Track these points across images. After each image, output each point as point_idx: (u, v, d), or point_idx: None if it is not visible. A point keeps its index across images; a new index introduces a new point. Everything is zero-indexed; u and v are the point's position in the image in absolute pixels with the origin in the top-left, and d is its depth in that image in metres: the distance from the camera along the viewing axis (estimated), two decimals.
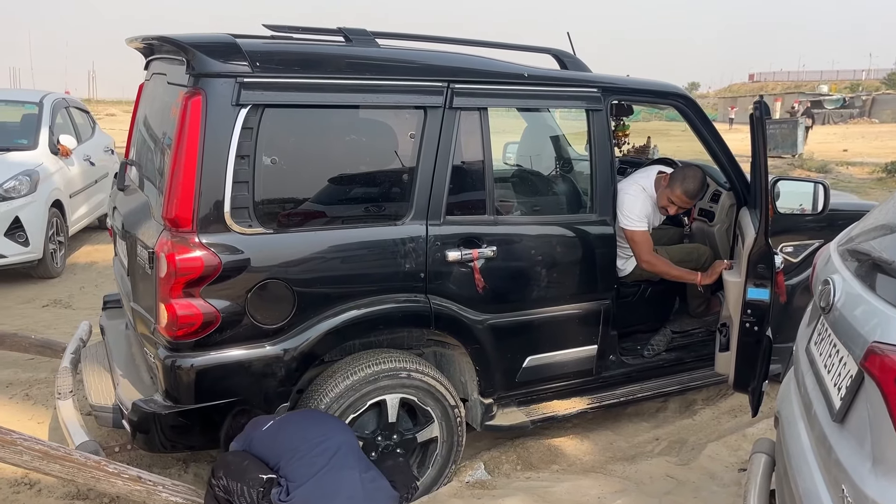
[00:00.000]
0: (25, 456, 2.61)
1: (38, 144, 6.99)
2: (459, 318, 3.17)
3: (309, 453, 2.54)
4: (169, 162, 2.75)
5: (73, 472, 2.68)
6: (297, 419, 2.72)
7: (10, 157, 6.65)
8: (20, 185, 6.23)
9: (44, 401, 4.02)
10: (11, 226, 6.09)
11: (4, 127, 7.78)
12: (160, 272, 2.69)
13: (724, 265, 3.61)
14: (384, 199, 3.10)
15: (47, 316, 5.63)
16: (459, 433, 3.23)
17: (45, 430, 3.72)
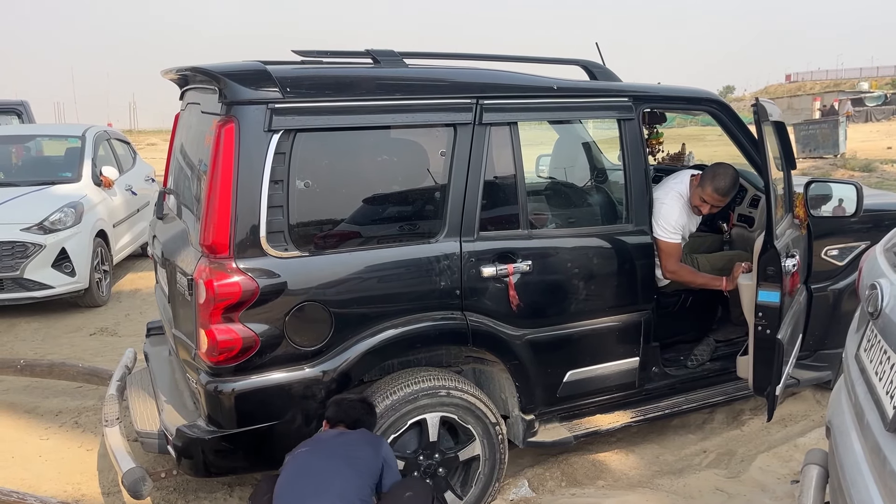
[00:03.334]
0: None
1: (82, 177, 7.17)
2: (497, 334, 3.15)
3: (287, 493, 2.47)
4: (205, 189, 2.80)
5: None
6: (294, 468, 2.60)
7: (55, 191, 6.84)
8: (65, 217, 6.40)
9: (92, 428, 4.09)
10: (58, 257, 6.24)
11: (49, 161, 8.04)
12: (199, 298, 2.73)
13: (743, 267, 3.54)
14: (417, 218, 3.11)
15: (94, 344, 5.75)
16: (502, 450, 3.20)
17: (94, 457, 3.78)
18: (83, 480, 3.57)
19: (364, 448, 2.63)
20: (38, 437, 4.02)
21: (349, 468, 2.53)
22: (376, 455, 2.63)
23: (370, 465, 2.58)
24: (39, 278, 6.17)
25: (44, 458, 3.78)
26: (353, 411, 2.75)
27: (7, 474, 3.53)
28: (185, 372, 3.15)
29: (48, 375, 4.56)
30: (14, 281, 6.10)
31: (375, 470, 2.59)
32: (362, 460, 2.58)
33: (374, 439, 2.71)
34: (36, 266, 6.13)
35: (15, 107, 10.71)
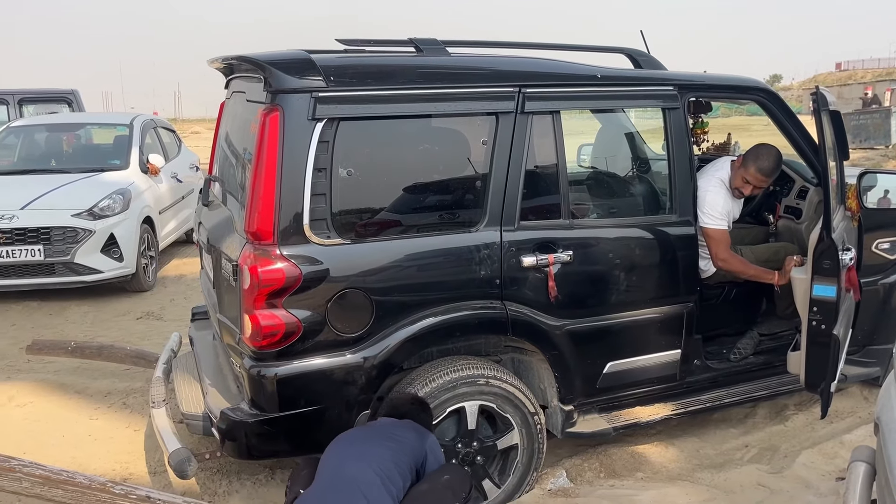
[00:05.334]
0: (25, 483, 2.53)
1: (130, 164, 7.34)
2: (536, 324, 3.14)
3: (321, 479, 2.50)
4: (249, 177, 2.84)
5: (78, 496, 2.60)
6: (341, 439, 2.67)
7: (104, 178, 7.02)
8: (114, 203, 6.56)
9: (139, 409, 4.21)
10: (107, 242, 6.40)
11: (98, 149, 8.25)
12: (244, 284, 2.78)
13: (795, 261, 3.46)
14: (458, 207, 3.11)
15: (141, 328, 5.89)
16: (540, 440, 3.20)
17: (141, 437, 3.89)
18: (131, 460, 3.68)
19: (409, 432, 2.67)
20: (88, 416, 4.14)
21: (391, 443, 2.57)
22: (420, 441, 2.66)
23: (413, 448, 2.61)
24: (89, 263, 6.33)
25: (93, 438, 3.90)
26: (403, 406, 2.79)
27: (58, 453, 3.64)
28: (230, 356, 3.22)
29: (97, 357, 4.69)
30: (65, 265, 6.28)
31: (418, 454, 2.62)
32: (405, 441, 2.61)
33: (421, 429, 2.74)
34: (86, 251, 6.29)
35: (65, 95, 10.99)
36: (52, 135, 8.14)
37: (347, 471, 2.46)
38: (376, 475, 2.43)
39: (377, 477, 2.42)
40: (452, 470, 2.70)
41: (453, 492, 2.54)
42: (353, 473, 2.44)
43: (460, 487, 2.58)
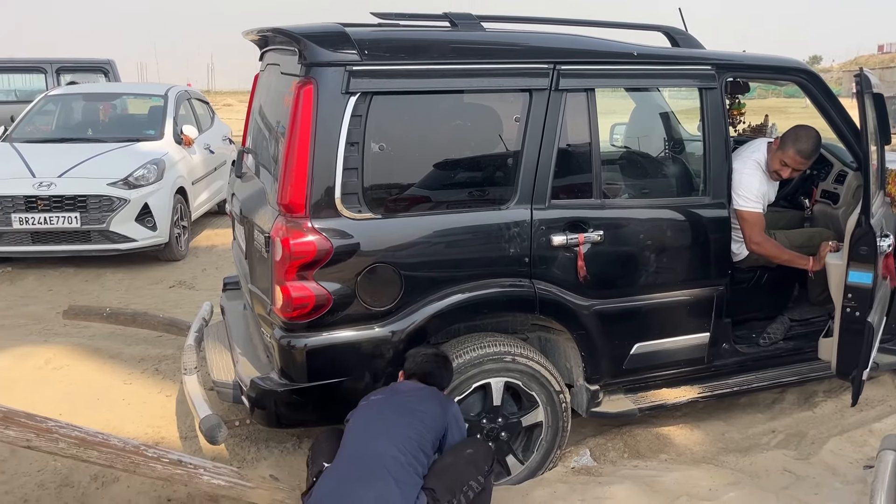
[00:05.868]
0: (62, 443, 2.57)
1: (164, 135, 7.42)
2: (564, 304, 3.14)
3: (346, 452, 2.54)
4: (283, 150, 2.86)
5: (112, 458, 2.64)
6: (368, 411, 2.68)
7: (139, 147, 7.11)
8: (148, 173, 6.65)
9: (171, 375, 4.29)
10: (141, 212, 6.50)
11: (133, 119, 8.35)
12: (275, 256, 2.82)
13: (830, 247, 3.39)
14: (489, 184, 3.11)
15: (173, 296, 6.00)
16: (565, 419, 3.21)
17: (173, 403, 3.98)
18: (163, 424, 3.77)
19: (432, 404, 2.68)
20: (122, 381, 4.24)
21: (414, 419, 2.59)
22: (443, 413, 2.68)
23: (435, 421, 2.63)
24: (124, 231, 6.44)
25: (127, 402, 3.99)
26: (426, 365, 2.80)
27: (94, 415, 3.74)
28: (260, 326, 3.27)
29: (131, 324, 4.79)
30: (101, 233, 6.40)
31: (440, 426, 2.64)
32: (427, 415, 2.63)
33: (444, 400, 2.76)
34: (121, 220, 6.40)
35: (102, 66, 11.11)
36: (88, 104, 8.25)
37: (372, 448, 2.49)
38: (401, 453, 2.46)
39: (402, 455, 2.46)
40: (475, 444, 2.73)
41: (476, 466, 2.56)
42: (379, 451, 2.47)
43: (483, 461, 2.61)
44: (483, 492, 2.59)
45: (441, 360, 2.84)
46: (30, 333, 5.05)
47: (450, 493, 2.49)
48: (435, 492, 2.46)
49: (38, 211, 6.26)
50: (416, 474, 2.46)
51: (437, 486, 2.48)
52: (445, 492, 2.48)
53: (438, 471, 2.54)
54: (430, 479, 2.50)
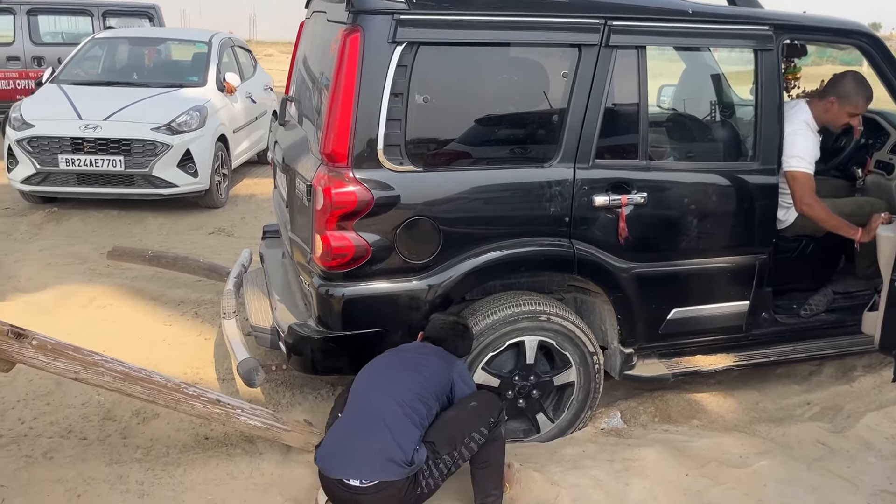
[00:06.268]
0: (107, 377, 2.65)
1: (207, 81, 7.44)
2: (603, 265, 3.11)
3: (350, 407, 2.60)
4: (327, 99, 2.85)
5: (154, 393, 2.72)
6: (372, 367, 2.72)
7: (182, 94, 7.15)
8: (191, 119, 6.69)
9: (210, 319, 4.39)
10: (183, 157, 6.56)
11: (177, 65, 8.38)
12: (317, 205, 2.83)
13: (882, 218, 3.29)
14: (532, 141, 3.07)
15: (212, 242, 6.09)
16: (597, 380, 3.21)
17: (211, 346, 4.07)
18: (201, 366, 3.86)
19: (436, 361, 2.70)
20: (163, 322, 4.35)
21: (415, 372, 2.62)
22: (447, 369, 2.68)
23: (437, 376, 2.64)
24: (166, 176, 6.52)
25: (167, 343, 4.10)
26: (443, 331, 2.81)
27: (135, 354, 3.83)
28: (299, 274, 3.30)
29: (172, 267, 4.88)
30: (144, 177, 6.49)
31: (444, 381, 2.65)
32: (429, 369, 2.65)
33: (449, 357, 2.75)
34: (163, 165, 6.48)
35: (147, 10, 11.11)
36: (134, 48, 8.29)
37: (372, 401, 2.55)
38: (398, 405, 2.49)
39: (399, 407, 2.49)
40: (480, 396, 2.72)
41: (479, 417, 2.57)
42: (377, 404, 2.52)
43: (487, 413, 2.59)
44: (491, 443, 2.58)
45: (459, 329, 2.83)
46: (75, 272, 5.19)
47: (450, 444, 2.51)
48: (435, 444, 2.50)
49: (84, 153, 6.37)
50: (415, 425, 2.49)
51: (437, 439, 2.51)
52: (445, 444, 2.51)
53: (440, 424, 2.57)
54: (431, 432, 2.53)
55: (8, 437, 3.13)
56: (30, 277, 5.05)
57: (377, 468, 2.39)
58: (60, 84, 7.25)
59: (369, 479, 2.39)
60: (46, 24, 11.03)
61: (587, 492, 2.72)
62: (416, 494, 2.46)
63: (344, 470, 2.43)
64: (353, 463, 2.43)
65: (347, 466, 2.43)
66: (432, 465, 2.48)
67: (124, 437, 3.18)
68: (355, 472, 2.41)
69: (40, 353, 2.52)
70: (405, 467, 2.39)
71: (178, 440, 3.16)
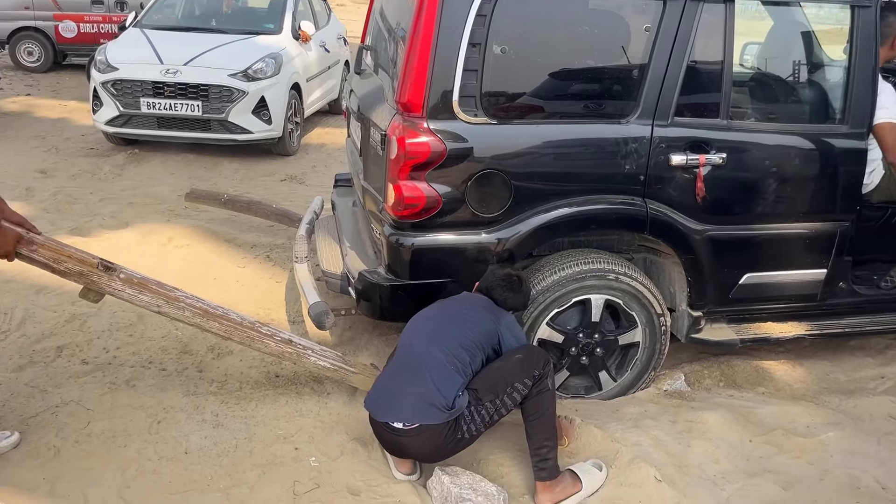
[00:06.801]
0: (187, 312, 2.77)
1: (283, 29, 7.51)
2: (676, 226, 3.06)
3: (397, 353, 2.70)
4: (403, 48, 2.85)
5: (230, 330, 2.84)
6: (419, 316, 2.77)
7: (258, 41, 7.24)
8: (266, 67, 6.78)
9: (281, 263, 4.52)
10: (258, 104, 6.68)
11: (254, 12, 8.46)
12: (390, 154, 2.86)
13: None
14: (609, 96, 3.01)
15: (284, 189, 6.22)
16: (662, 342, 3.19)
17: (283, 289, 4.20)
18: (273, 307, 4.00)
19: (482, 313, 2.71)
20: (237, 265, 4.50)
21: (459, 321, 2.66)
22: (494, 322, 2.68)
23: (484, 328, 2.65)
24: (241, 123, 6.66)
25: (240, 284, 4.25)
26: (495, 282, 2.78)
27: (210, 293, 3.96)
28: (370, 222, 3.36)
29: (246, 211, 5.03)
30: (220, 123, 6.64)
31: (489, 332, 2.66)
32: (474, 319, 2.67)
33: (497, 310, 2.74)
34: (239, 111, 6.61)
35: None
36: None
37: (416, 348, 2.62)
38: (441, 352, 2.54)
39: (442, 354, 2.54)
40: (527, 349, 2.73)
41: (524, 368, 2.57)
42: (421, 351, 2.59)
43: (532, 365, 2.59)
44: (538, 395, 2.58)
45: (513, 282, 2.79)
46: (154, 212, 5.40)
47: (492, 392, 2.54)
48: (478, 391, 2.55)
49: (164, 97, 6.55)
50: (457, 372, 2.53)
51: (479, 387, 2.55)
52: (487, 391, 2.55)
53: (485, 373, 2.60)
54: (475, 380, 2.58)
55: (93, 365, 3.33)
56: (113, 216, 5.29)
57: (418, 411, 2.47)
58: (143, 28, 7.43)
59: (411, 421, 2.48)
60: None
61: (647, 450, 2.73)
62: (456, 439, 2.52)
63: (389, 413, 2.53)
64: (397, 406, 2.52)
65: (392, 409, 2.53)
66: (474, 411, 2.53)
67: (200, 371, 3.33)
68: (398, 414, 2.51)
69: (127, 286, 2.66)
70: (445, 411, 2.46)
71: (250, 376, 3.30)
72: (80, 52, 10.80)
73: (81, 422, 2.88)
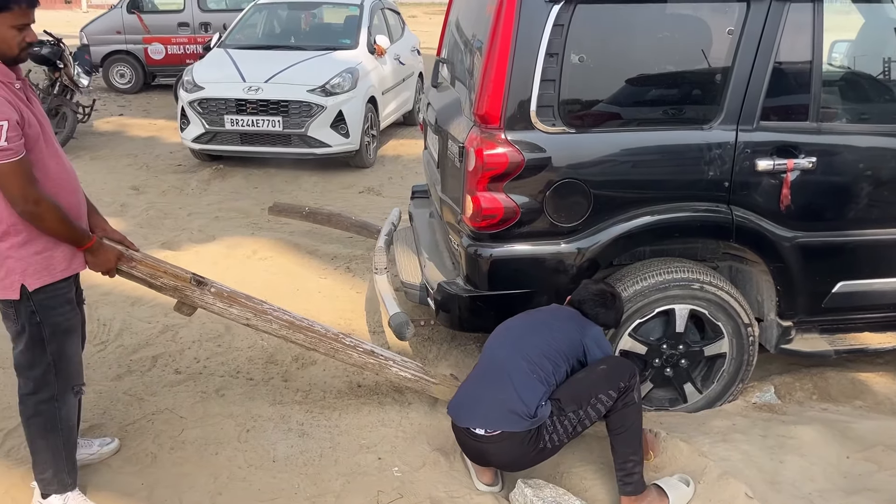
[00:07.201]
0: (274, 324, 2.85)
1: (359, 44, 7.67)
2: (764, 233, 2.96)
3: (480, 361, 2.71)
4: (481, 60, 2.87)
5: (315, 341, 2.91)
6: (504, 325, 2.78)
7: (335, 56, 7.42)
8: (344, 81, 6.94)
9: (361, 274, 4.60)
10: (336, 119, 6.84)
11: (330, 28, 8.68)
12: (468, 166, 2.87)
13: None
14: (691, 102, 2.95)
15: (362, 201, 6.34)
16: (751, 352, 3.09)
17: (362, 299, 4.27)
18: (353, 318, 4.07)
19: (568, 323, 2.70)
20: (318, 275, 4.61)
21: (543, 330, 2.66)
22: (579, 333, 2.66)
23: (569, 339, 2.64)
24: (320, 137, 6.83)
25: (322, 294, 4.35)
26: (587, 296, 2.77)
27: (294, 303, 4.09)
28: (448, 233, 3.38)
29: (326, 223, 5.15)
30: (300, 137, 6.83)
31: (573, 343, 2.63)
32: (558, 330, 2.66)
33: (583, 321, 2.72)
34: (318, 125, 6.78)
35: None
36: (291, 13, 8.66)
37: (499, 356, 2.63)
38: (524, 360, 2.55)
39: (524, 362, 2.54)
40: (613, 360, 2.69)
41: (609, 380, 2.53)
42: (503, 359, 2.60)
43: (618, 376, 2.55)
44: (624, 408, 2.54)
45: (606, 298, 2.77)
46: (239, 226, 5.59)
47: (575, 403, 2.52)
48: (561, 401, 2.53)
49: (246, 113, 6.79)
50: (540, 381, 2.52)
51: (563, 397, 2.54)
52: (570, 401, 2.52)
53: (568, 383, 2.58)
54: (559, 390, 2.56)
55: (186, 374, 3.47)
56: (200, 229, 5.50)
57: (500, 418, 2.48)
58: (227, 48, 7.73)
59: (493, 428, 2.49)
60: None
61: (737, 466, 2.64)
62: (538, 448, 2.51)
63: (471, 419, 2.54)
64: (479, 412, 2.54)
65: (474, 416, 2.54)
66: (556, 421, 2.51)
67: (285, 381, 3.43)
68: (480, 421, 2.52)
69: (218, 300, 2.76)
70: (527, 419, 2.46)
71: (333, 386, 3.37)
72: (168, 73, 11.33)
73: (176, 429, 3.00)
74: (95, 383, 3.31)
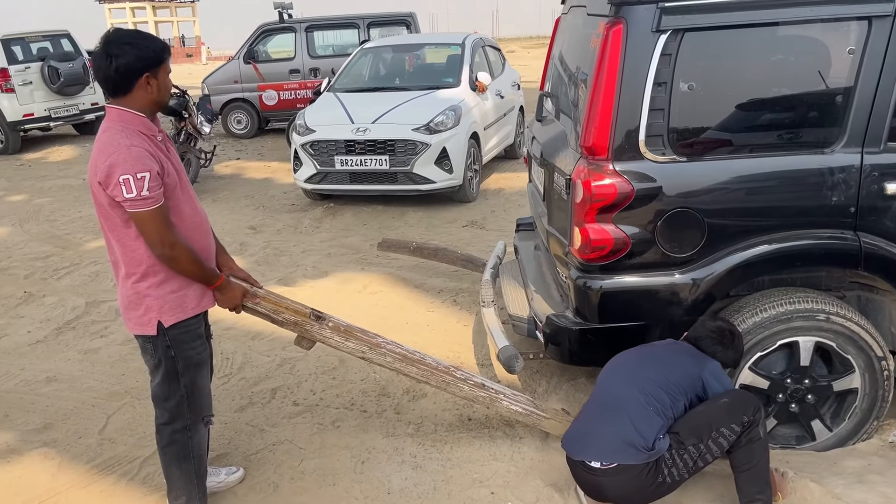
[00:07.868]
0: (388, 357, 2.93)
1: (461, 82, 7.83)
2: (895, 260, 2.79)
3: (595, 394, 2.69)
4: (587, 91, 2.87)
5: (427, 374, 2.96)
6: (617, 359, 2.76)
7: (439, 95, 7.60)
8: (447, 119, 7.09)
9: (467, 307, 4.64)
10: (440, 155, 6.99)
11: (433, 68, 8.92)
12: (576, 198, 2.87)
13: None
14: (810, 125, 2.83)
15: (466, 235, 6.41)
16: (886, 388, 2.89)
17: (469, 332, 4.31)
18: (461, 350, 4.11)
19: (682, 356, 2.67)
20: (426, 309, 4.69)
21: (659, 364, 2.63)
22: (697, 368, 2.61)
23: (686, 373, 2.59)
24: (424, 173, 6.99)
25: (430, 328, 4.41)
26: (701, 329, 2.71)
27: (403, 336, 4.16)
28: (556, 266, 3.37)
29: (432, 258, 5.24)
30: (405, 174, 7.02)
31: (690, 377, 2.59)
32: (674, 364, 2.63)
33: (701, 356, 2.66)
34: (422, 162, 6.95)
35: (405, 18, 11.97)
36: (396, 55, 8.97)
37: (614, 389, 2.62)
38: (640, 393, 2.52)
39: (641, 395, 2.51)
40: (735, 394, 2.61)
41: (731, 414, 2.47)
42: (619, 391, 2.58)
43: (741, 410, 2.48)
44: (749, 444, 2.48)
45: (724, 336, 2.68)
46: (350, 261, 5.78)
47: (695, 436, 2.46)
48: (680, 435, 2.48)
49: (355, 154, 7.05)
50: (657, 413, 2.48)
51: (682, 430, 2.49)
52: (690, 434, 2.47)
53: (688, 417, 2.53)
54: (678, 423, 2.52)
55: (303, 406, 3.59)
56: (314, 266, 5.72)
57: (616, 451, 2.45)
58: (336, 92, 8.08)
59: (609, 461, 2.45)
60: (320, 38, 12.39)
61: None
62: (657, 482, 2.45)
63: (586, 452, 2.52)
64: (594, 445, 2.51)
65: (589, 448, 2.52)
66: (675, 454, 2.45)
67: (397, 413, 3.49)
68: (596, 453, 2.49)
69: (335, 334, 2.86)
70: (644, 452, 2.41)
71: (444, 419, 3.39)
72: (280, 118, 11.93)
73: (295, 459, 3.11)
74: (220, 414, 3.48)
